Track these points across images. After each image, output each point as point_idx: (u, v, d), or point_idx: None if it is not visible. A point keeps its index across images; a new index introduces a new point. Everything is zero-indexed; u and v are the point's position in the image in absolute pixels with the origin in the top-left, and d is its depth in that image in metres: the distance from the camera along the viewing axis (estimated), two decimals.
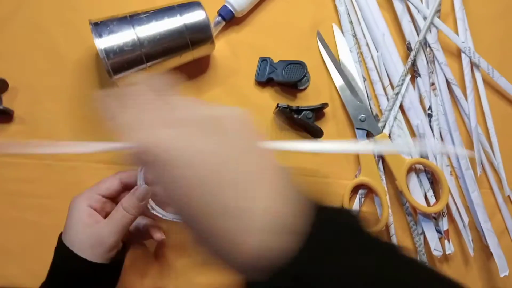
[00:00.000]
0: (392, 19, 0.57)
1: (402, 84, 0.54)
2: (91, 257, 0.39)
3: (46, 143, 0.31)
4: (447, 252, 0.51)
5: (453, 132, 0.54)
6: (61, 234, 0.42)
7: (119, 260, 0.44)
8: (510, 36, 0.58)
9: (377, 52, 0.56)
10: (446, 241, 0.51)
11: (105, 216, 0.42)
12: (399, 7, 0.57)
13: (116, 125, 0.27)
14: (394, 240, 0.52)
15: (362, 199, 0.53)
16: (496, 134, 0.55)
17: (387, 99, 0.55)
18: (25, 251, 0.50)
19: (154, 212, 0.49)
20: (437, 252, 0.52)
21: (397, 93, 0.54)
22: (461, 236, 0.52)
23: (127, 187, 0.44)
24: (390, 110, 0.54)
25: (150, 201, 0.44)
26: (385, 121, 0.54)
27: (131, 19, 0.47)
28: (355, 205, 0.52)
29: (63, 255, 0.41)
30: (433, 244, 0.52)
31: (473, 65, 0.56)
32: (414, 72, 0.55)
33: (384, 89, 0.55)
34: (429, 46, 0.55)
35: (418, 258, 0.51)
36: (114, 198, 0.44)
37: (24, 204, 0.51)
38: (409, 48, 0.55)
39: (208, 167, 0.23)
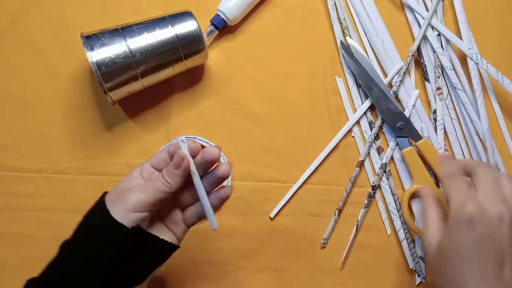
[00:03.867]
0: (395, 25, 0.57)
1: (399, 86, 0.54)
2: (113, 211, 0.37)
3: None
4: None
5: (459, 136, 0.54)
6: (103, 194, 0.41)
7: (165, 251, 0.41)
8: (505, 34, 0.57)
9: (376, 57, 0.56)
10: None
11: None
12: (409, 15, 0.57)
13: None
14: None
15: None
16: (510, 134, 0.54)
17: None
18: (23, 265, 0.50)
19: None
20: None
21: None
22: None
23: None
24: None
25: None
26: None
27: (123, 31, 0.48)
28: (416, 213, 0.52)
29: (96, 208, 0.40)
30: None
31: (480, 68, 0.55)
32: (423, 76, 0.55)
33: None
34: (434, 51, 0.55)
35: None
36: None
37: (21, 218, 0.51)
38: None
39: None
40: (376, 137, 0.54)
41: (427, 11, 0.56)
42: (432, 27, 0.55)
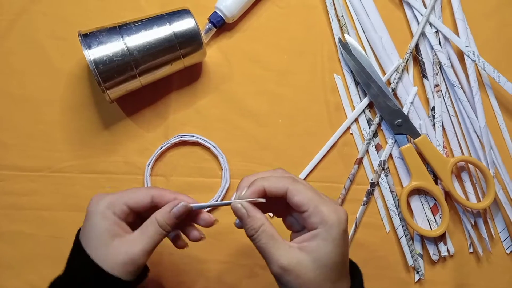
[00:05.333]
0: (393, 23, 0.56)
1: (397, 83, 0.54)
2: (122, 275, 0.36)
3: None
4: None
5: (458, 133, 0.54)
6: (78, 233, 0.39)
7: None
8: (503, 31, 0.57)
9: (374, 54, 0.55)
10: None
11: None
12: (408, 12, 0.57)
13: None
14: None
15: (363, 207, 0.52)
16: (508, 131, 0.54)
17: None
18: (23, 263, 0.51)
19: None
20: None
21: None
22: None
23: (156, 207, 0.39)
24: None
25: None
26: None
27: (120, 29, 0.48)
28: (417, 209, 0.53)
29: (83, 264, 0.36)
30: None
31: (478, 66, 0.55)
32: (421, 73, 0.55)
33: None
34: (433, 48, 0.54)
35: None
36: (138, 212, 0.40)
37: (22, 216, 0.51)
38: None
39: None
40: (375, 134, 0.54)
41: (425, 8, 0.55)
42: (431, 24, 0.55)
